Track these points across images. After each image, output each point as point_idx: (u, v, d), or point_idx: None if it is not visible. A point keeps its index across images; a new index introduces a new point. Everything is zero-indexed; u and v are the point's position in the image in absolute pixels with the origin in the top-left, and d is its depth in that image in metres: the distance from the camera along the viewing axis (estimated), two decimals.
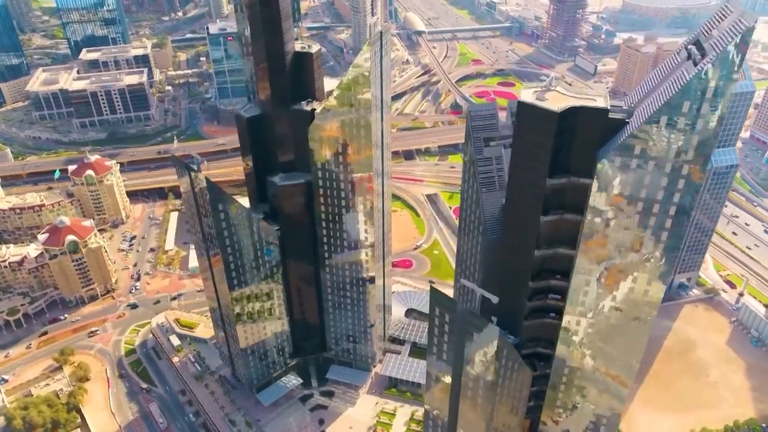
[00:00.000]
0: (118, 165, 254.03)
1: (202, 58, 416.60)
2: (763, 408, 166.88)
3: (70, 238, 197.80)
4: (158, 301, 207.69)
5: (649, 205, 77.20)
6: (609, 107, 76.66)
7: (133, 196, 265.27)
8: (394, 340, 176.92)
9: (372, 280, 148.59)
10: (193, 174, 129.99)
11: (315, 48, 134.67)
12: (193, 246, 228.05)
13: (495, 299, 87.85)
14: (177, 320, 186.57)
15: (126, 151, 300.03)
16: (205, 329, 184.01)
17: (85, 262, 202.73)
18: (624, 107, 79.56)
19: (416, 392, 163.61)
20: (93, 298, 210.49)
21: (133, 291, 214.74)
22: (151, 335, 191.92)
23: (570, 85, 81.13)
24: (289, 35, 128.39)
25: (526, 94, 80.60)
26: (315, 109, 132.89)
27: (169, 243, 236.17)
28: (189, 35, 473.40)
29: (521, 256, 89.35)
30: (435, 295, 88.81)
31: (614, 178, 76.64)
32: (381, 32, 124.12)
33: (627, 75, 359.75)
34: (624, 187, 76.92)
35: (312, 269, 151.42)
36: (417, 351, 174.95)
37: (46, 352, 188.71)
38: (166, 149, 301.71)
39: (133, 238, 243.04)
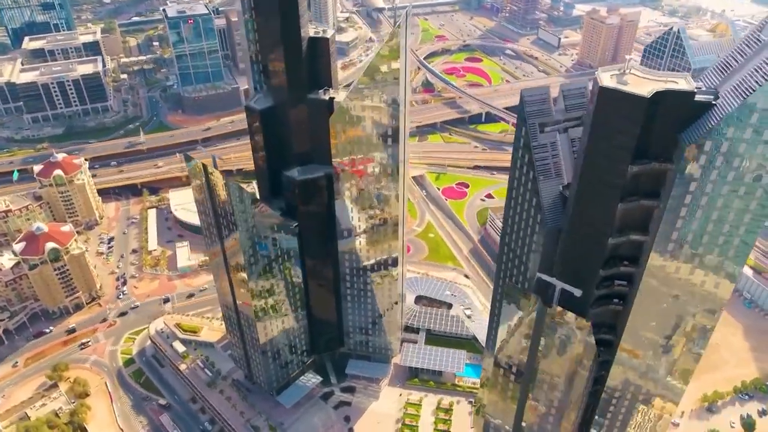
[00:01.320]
0: (87, 162, 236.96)
1: (155, 43, 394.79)
2: (764, 367, 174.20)
3: (51, 245, 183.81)
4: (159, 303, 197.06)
5: (736, 188, 75.98)
6: (695, 89, 74.51)
7: (104, 194, 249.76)
8: (407, 328, 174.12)
9: (393, 269, 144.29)
10: (211, 174, 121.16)
11: (330, 32, 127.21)
12: (179, 245, 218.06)
13: (578, 292, 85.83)
14: (178, 325, 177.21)
15: (88, 147, 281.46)
16: (209, 332, 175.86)
17: (67, 269, 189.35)
18: (703, 89, 77.58)
19: (439, 380, 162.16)
20: (78, 308, 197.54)
21: (121, 296, 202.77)
22: (149, 342, 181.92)
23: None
24: (304, 19, 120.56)
25: (606, 78, 77.48)
26: (333, 98, 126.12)
27: (152, 243, 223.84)
28: (136, 18, 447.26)
29: (593, 245, 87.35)
30: (510, 290, 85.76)
31: (700, 162, 74.84)
32: (407, 13, 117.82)
33: (592, 47, 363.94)
34: (710, 170, 75.32)
35: (330, 263, 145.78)
36: (432, 338, 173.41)
37: (35, 369, 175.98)
38: (132, 142, 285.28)
39: (111, 239, 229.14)
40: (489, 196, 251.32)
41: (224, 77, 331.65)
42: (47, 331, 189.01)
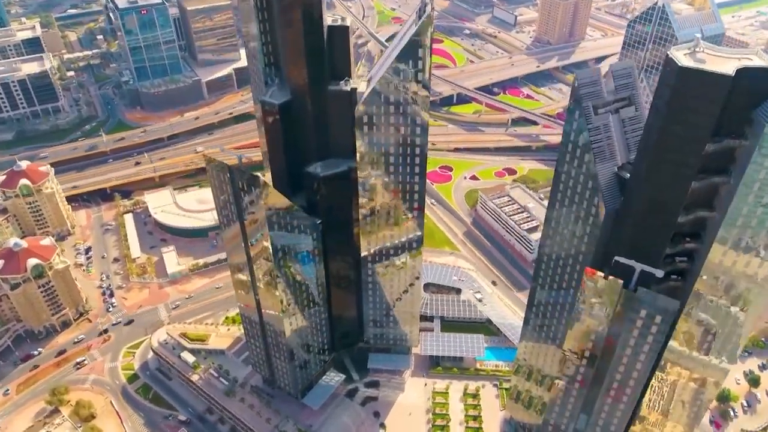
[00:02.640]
0: (53, 169, 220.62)
1: (99, 37, 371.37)
2: (760, 324, 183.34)
3: (33, 261, 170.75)
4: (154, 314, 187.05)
5: None
6: None
7: (71, 201, 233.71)
8: (422, 317, 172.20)
9: (414, 257, 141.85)
10: (238, 174, 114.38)
11: (348, 21, 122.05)
12: (165, 250, 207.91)
13: (660, 273, 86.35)
14: (184, 335, 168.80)
15: (46, 152, 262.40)
16: (218, 339, 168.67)
17: (52, 286, 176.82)
18: None
19: (461, 366, 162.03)
20: (66, 325, 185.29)
21: (111, 309, 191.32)
22: (151, 355, 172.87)
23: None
24: (323, 6, 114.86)
25: (682, 58, 77.23)
26: (356, 88, 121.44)
27: (135, 250, 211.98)
28: (72, 11, 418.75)
29: (663, 223, 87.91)
30: (591, 276, 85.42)
31: None
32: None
33: (549, 23, 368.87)
34: None
35: (352, 257, 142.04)
36: (446, 325, 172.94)
37: (30, 395, 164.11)
38: (94, 144, 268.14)
39: (89, 249, 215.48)
40: (474, 177, 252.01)
41: (183, 70, 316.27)
42: (35, 353, 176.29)
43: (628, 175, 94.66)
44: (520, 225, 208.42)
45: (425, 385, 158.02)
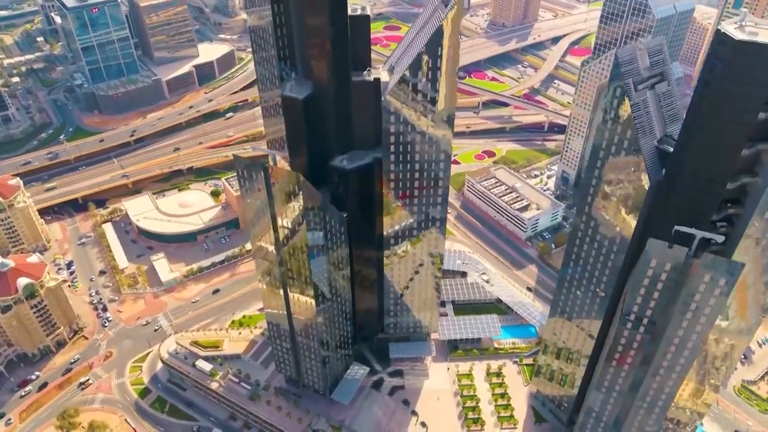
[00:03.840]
0: (21, 181, 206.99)
1: (39, 39, 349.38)
2: None
3: (24, 281, 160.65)
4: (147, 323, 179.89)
5: None
6: None
7: (42, 215, 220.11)
8: None
9: (436, 242, 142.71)
10: (272, 171, 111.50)
11: (368, 10, 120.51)
12: (154, 258, 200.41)
13: (720, 238, 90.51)
14: (196, 342, 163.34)
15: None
16: (232, 344, 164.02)
17: (45, 305, 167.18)
18: None
19: (480, 347, 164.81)
20: (61, 345, 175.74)
21: (107, 324, 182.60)
22: (159, 367, 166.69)
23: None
24: None
25: (735, 31, 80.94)
26: (379, 78, 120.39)
27: (122, 261, 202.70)
28: (3, 13, 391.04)
29: (711, 191, 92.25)
30: (654, 245, 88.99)
31: None
32: None
33: (504, 6, 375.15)
34: None
35: (374, 247, 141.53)
36: (459, 308, 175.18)
37: (35, 422, 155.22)
38: (55, 153, 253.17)
39: (71, 264, 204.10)
40: (455, 161, 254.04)
41: (140, 70, 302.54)
42: (33, 377, 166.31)
43: (671, 148, 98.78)
44: (511, 205, 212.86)
45: (448, 369, 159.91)
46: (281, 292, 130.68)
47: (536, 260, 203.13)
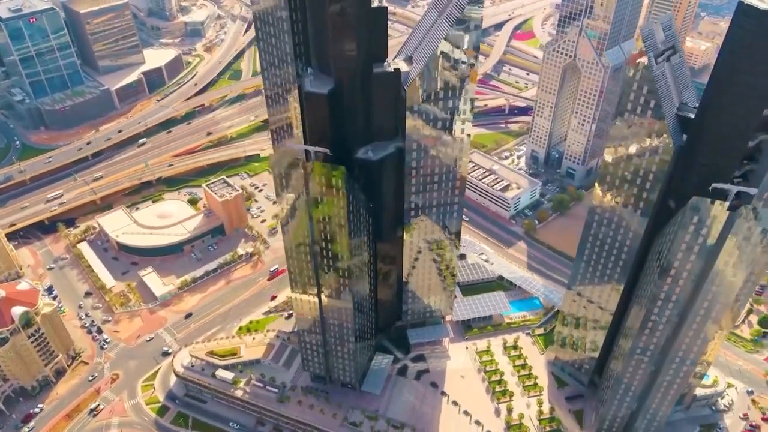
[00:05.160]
0: None
1: None
2: None
3: (19, 309, 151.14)
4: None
5: None
6: None
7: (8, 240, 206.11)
8: None
9: (456, 230, 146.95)
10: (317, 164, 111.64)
11: (384, 1, 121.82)
12: (143, 273, 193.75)
13: (754, 191, 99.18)
14: (212, 353, 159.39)
15: None
16: (250, 350, 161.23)
17: (43, 333, 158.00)
18: None
19: (492, 324, 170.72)
20: (60, 373, 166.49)
21: (105, 346, 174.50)
22: (174, 381, 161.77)
23: None
24: None
25: (757, 2, 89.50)
26: (399, 69, 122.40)
27: (108, 280, 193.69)
28: None
29: (734, 149, 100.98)
30: (697, 203, 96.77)
31: None
32: None
33: None
34: None
35: (396, 237, 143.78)
36: (465, 289, 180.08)
37: None
38: (7, 175, 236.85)
39: (51, 288, 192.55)
40: None
41: (84, 80, 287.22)
42: (37, 410, 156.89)
43: (691, 114, 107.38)
44: (492, 186, 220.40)
45: (467, 348, 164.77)
46: (315, 286, 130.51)
47: (523, 237, 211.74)
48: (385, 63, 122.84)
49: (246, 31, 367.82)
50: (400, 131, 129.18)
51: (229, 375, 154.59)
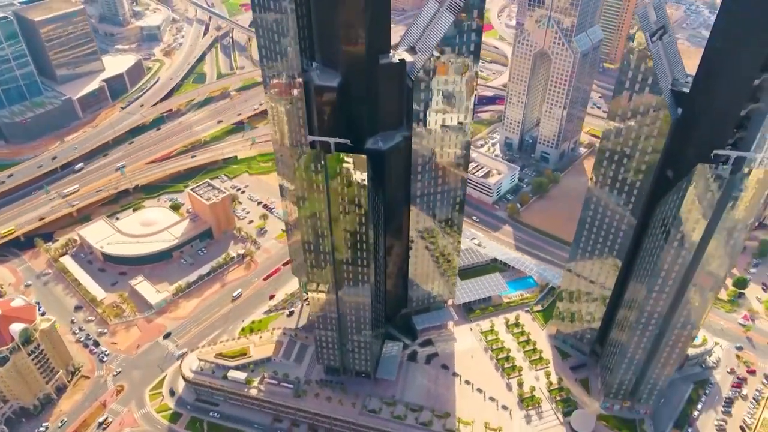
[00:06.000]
0: None
1: None
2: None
3: (18, 326, 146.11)
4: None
5: None
6: None
7: None
8: None
9: (459, 216, 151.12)
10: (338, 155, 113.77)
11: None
12: (134, 282, 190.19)
13: (753, 155, 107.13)
14: (221, 355, 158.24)
15: None
16: (260, 349, 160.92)
17: (43, 350, 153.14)
18: None
19: (492, 304, 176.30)
20: (61, 390, 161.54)
21: (105, 359, 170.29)
22: (183, 387, 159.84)
23: None
24: None
25: None
26: (404, 59, 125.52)
27: (97, 292, 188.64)
28: None
29: (729, 118, 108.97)
30: (701, 170, 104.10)
31: None
32: None
33: None
34: None
35: (404, 225, 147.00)
36: (462, 274, 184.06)
37: None
38: None
39: (38, 305, 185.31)
40: None
41: (43, 91, 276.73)
42: (42, 429, 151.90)
43: (685, 89, 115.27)
44: (474, 173, 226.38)
45: (471, 329, 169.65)
46: (332, 280, 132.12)
47: (508, 220, 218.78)
48: (390, 54, 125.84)
49: (204, 34, 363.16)
50: (405, 120, 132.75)
51: (241, 375, 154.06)
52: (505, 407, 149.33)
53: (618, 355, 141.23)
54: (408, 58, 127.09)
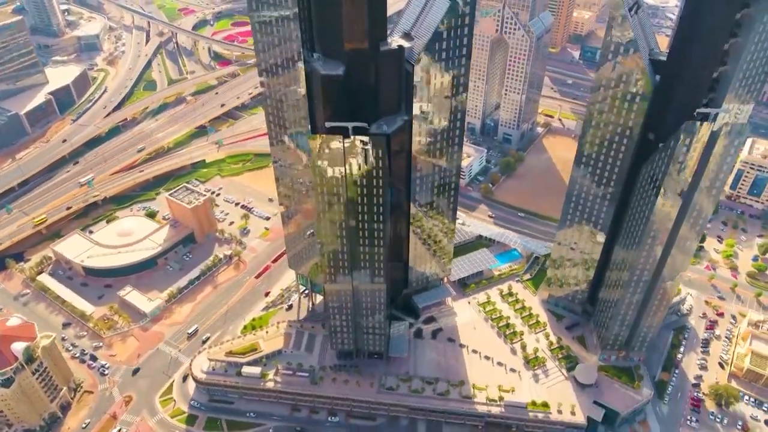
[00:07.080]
0: None
1: None
2: None
3: (20, 345, 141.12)
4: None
5: None
6: None
7: None
8: None
9: (455, 196, 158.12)
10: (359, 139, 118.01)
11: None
12: (123, 293, 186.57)
13: (735, 112, 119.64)
14: (231, 352, 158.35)
15: None
16: (270, 342, 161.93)
17: (46, 368, 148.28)
18: None
19: (484, 278, 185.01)
20: (66, 408, 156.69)
21: (106, 372, 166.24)
22: (194, 388, 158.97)
23: None
24: None
25: None
26: (402, 45, 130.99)
27: (86, 307, 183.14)
28: None
29: (704, 79, 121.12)
30: (689, 126, 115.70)
31: None
32: None
33: None
34: None
35: (406, 206, 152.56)
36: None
37: None
38: None
39: None
40: None
41: None
42: None
43: (662, 57, 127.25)
44: None
45: (469, 303, 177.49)
46: (348, 266, 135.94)
47: (482, 200, 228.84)
48: (388, 41, 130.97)
49: (147, 41, 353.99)
50: (404, 105, 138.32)
51: (256, 370, 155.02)
52: (513, 370, 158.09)
53: (612, 310, 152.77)
54: (405, 44, 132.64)
